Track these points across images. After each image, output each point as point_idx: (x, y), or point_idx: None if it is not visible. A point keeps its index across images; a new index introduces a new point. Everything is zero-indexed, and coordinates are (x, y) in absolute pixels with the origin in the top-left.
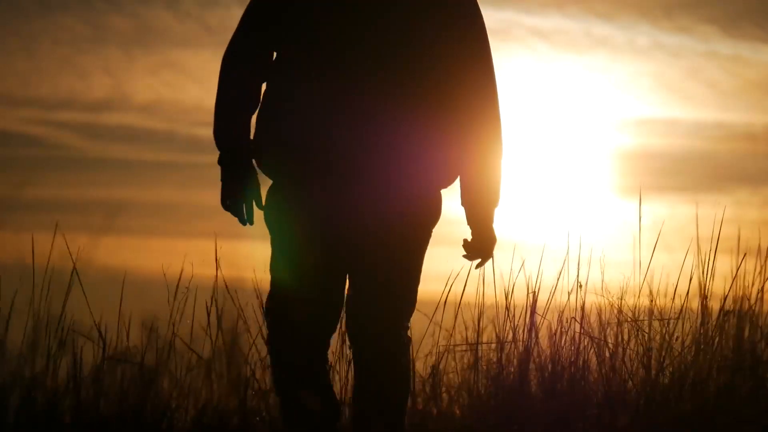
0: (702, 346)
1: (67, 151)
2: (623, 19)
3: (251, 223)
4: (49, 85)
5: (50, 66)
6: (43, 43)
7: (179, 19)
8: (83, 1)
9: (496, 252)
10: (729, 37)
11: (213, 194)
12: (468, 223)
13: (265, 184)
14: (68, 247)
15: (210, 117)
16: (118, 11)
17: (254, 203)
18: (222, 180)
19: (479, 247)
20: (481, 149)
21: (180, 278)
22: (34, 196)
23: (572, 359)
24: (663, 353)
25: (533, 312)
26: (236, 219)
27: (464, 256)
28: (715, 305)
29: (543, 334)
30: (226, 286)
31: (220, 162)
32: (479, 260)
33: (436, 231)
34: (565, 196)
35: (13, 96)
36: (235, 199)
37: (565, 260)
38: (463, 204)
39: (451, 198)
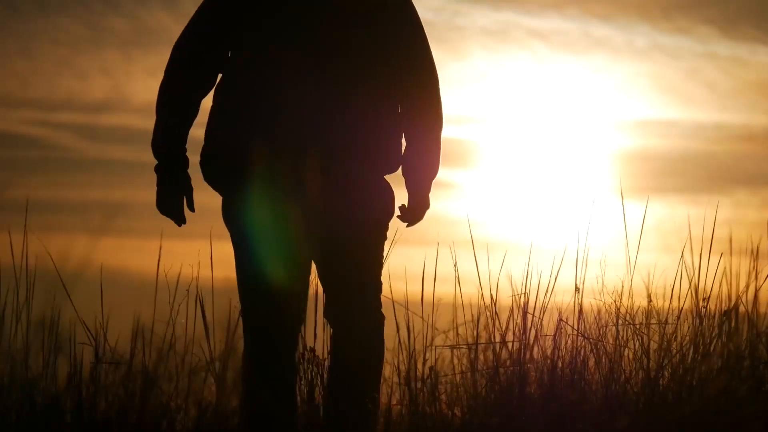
0: (700, 348)
1: (66, 151)
2: (622, 20)
3: (185, 222)
4: (47, 86)
5: (49, 67)
6: (41, 44)
7: (178, 20)
8: (82, 3)
9: (493, 252)
10: (727, 38)
11: (212, 195)
12: (407, 189)
13: (203, 188)
14: (67, 248)
15: (206, 117)
16: (117, 12)
17: (186, 206)
18: (158, 184)
19: (414, 211)
20: (424, 127)
21: (179, 280)
22: (32, 196)
23: (570, 360)
24: (661, 354)
25: (525, 312)
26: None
27: (398, 217)
28: (712, 306)
29: (541, 335)
30: (225, 287)
31: (156, 169)
32: (410, 221)
33: (432, 232)
34: (564, 197)
35: (11, 97)
36: (171, 201)
37: (562, 261)
38: (404, 173)
39: (445, 199)
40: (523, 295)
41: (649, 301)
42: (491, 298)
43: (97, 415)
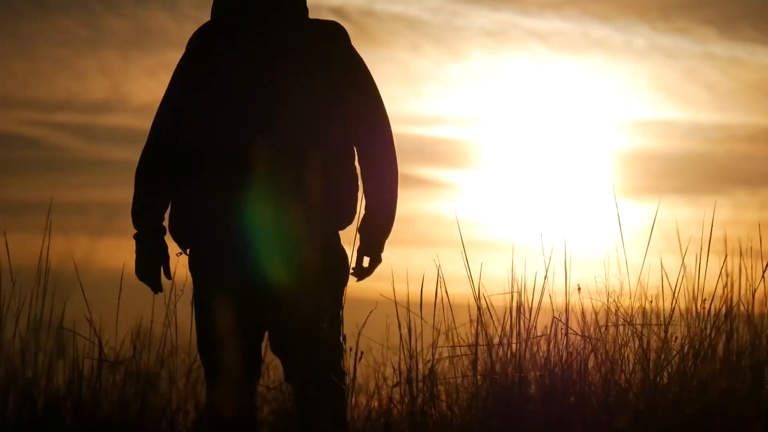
0: (703, 347)
1: (65, 152)
2: (620, 20)
3: (161, 291)
4: (46, 87)
5: (48, 67)
6: (40, 45)
7: (176, 20)
8: (81, 3)
9: (493, 252)
10: (726, 38)
11: None
12: (360, 247)
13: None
14: (66, 249)
15: None
16: (116, 13)
17: (163, 274)
18: (136, 253)
19: (368, 269)
20: (382, 188)
21: (177, 280)
22: (31, 197)
23: (570, 361)
24: (661, 355)
25: (519, 313)
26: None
27: (352, 274)
28: (712, 307)
29: (541, 335)
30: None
31: (135, 237)
32: (362, 277)
33: (427, 233)
34: (563, 198)
35: (10, 97)
36: (148, 270)
37: (567, 260)
38: (360, 231)
39: (445, 199)
40: (515, 295)
41: (650, 302)
42: (484, 299)
43: (97, 415)
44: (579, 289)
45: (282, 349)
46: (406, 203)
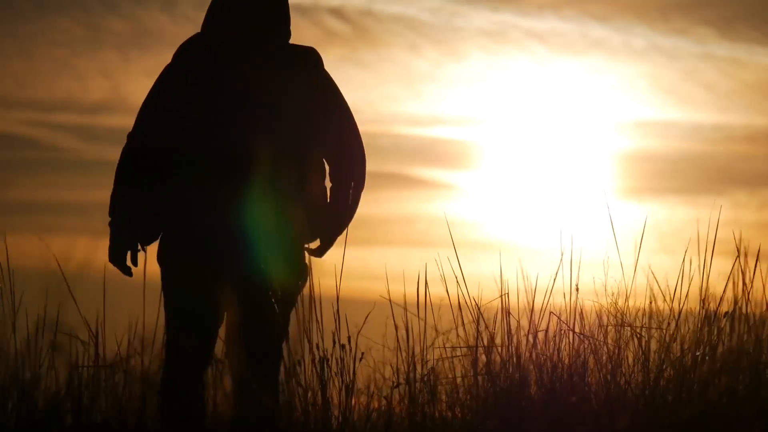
0: (701, 349)
1: (64, 152)
2: (619, 20)
3: (131, 275)
4: (45, 87)
5: (47, 68)
6: (39, 45)
7: (175, 21)
8: (80, 4)
9: (493, 252)
10: (725, 39)
11: None
12: (318, 235)
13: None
14: (66, 249)
15: None
16: (115, 13)
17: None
18: (110, 238)
19: (319, 251)
20: (345, 192)
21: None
22: (31, 197)
23: (570, 361)
24: (662, 356)
25: (508, 313)
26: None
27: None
28: (713, 307)
29: (541, 336)
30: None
31: (110, 225)
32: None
33: (426, 233)
34: (562, 198)
35: (9, 98)
36: (120, 256)
37: (560, 262)
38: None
39: (444, 200)
40: (509, 296)
41: (650, 302)
42: (475, 300)
43: (96, 416)
44: (578, 289)
45: (251, 334)
46: (406, 203)
